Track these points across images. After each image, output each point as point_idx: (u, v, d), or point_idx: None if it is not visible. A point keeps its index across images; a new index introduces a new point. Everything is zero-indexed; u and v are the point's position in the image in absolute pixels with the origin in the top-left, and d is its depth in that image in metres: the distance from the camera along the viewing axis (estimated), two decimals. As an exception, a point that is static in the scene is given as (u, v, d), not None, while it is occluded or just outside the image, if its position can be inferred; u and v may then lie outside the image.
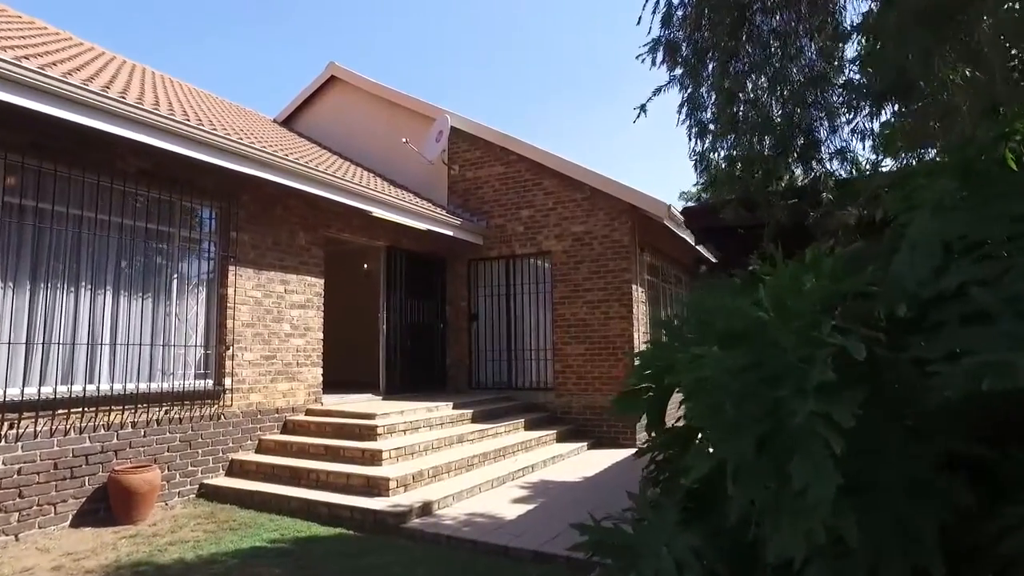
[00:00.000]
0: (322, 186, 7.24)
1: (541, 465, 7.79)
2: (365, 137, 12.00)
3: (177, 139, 5.57)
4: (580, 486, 6.76)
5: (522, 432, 8.88)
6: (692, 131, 5.45)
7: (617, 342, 9.71)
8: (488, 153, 10.95)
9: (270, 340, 7.08)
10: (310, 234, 7.75)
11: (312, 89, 12.86)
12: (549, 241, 10.30)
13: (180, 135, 5.58)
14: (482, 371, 10.81)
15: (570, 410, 9.94)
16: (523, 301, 10.60)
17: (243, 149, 6.17)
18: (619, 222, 9.84)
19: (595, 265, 9.95)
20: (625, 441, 9.46)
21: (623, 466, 7.99)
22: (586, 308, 9.96)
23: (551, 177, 10.34)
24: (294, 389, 7.36)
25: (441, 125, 10.94)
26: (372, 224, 8.83)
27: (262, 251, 7.06)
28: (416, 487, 6.01)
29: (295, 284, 7.46)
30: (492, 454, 7.46)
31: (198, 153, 5.77)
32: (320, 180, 7.19)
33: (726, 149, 4.88)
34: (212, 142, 5.85)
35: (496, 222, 10.74)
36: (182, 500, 5.93)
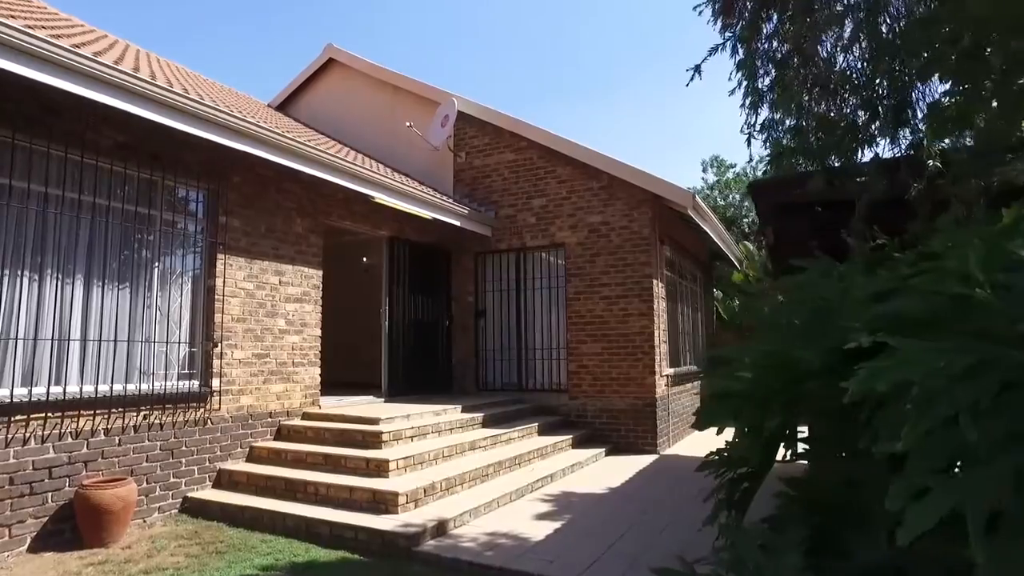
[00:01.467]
0: (321, 167, 6.55)
1: (560, 474, 7.13)
2: (365, 123, 11.31)
3: (159, 107, 4.88)
4: (608, 499, 6.10)
5: (536, 438, 8.22)
6: (747, 99, 4.80)
7: (636, 340, 9.06)
8: (497, 139, 10.28)
9: (263, 337, 6.39)
10: (308, 221, 7.07)
11: (309, 73, 12.17)
12: (563, 232, 9.64)
13: (162, 103, 4.89)
14: (490, 371, 10.14)
15: (585, 413, 9.28)
16: (534, 297, 9.93)
17: (234, 122, 5.49)
18: (639, 212, 9.19)
19: (613, 258, 9.29)
20: (645, 447, 8.82)
21: (648, 475, 7.33)
22: (603, 304, 9.30)
23: (565, 165, 9.68)
24: (289, 391, 6.68)
25: (447, 109, 10.27)
26: (374, 212, 8.15)
27: (255, 238, 6.37)
28: (428, 502, 5.34)
29: (291, 275, 6.78)
30: (507, 463, 6.80)
31: (183, 124, 5.08)
32: (319, 160, 6.51)
33: (793, 115, 4.22)
34: (199, 112, 5.17)
35: (505, 212, 10.07)
36: (162, 517, 5.24)
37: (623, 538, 4.84)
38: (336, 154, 6.83)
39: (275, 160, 5.98)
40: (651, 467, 7.84)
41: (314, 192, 7.14)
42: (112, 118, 4.95)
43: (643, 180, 9.03)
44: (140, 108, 4.74)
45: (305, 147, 6.28)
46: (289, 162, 6.14)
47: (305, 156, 6.33)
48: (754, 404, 2.47)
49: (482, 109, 10.33)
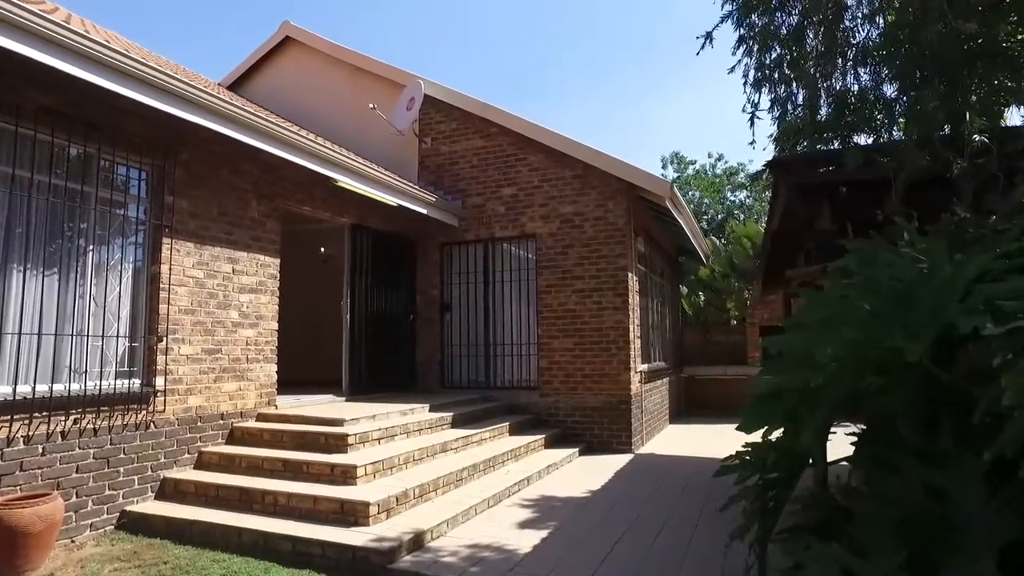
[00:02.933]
0: (280, 144, 5.97)
1: (536, 477, 6.73)
2: (325, 106, 10.66)
3: (93, 65, 4.25)
4: (591, 503, 5.72)
5: (508, 438, 7.80)
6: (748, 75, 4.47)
7: (611, 335, 8.72)
8: (465, 124, 9.80)
9: (214, 330, 5.79)
10: (265, 204, 6.47)
11: (263, 51, 11.43)
12: (534, 223, 9.23)
13: (97, 60, 4.26)
14: (456, 368, 9.67)
15: (557, 412, 8.90)
16: (503, 290, 9.50)
17: (183, 89, 4.88)
18: (614, 202, 8.85)
19: (586, 250, 8.93)
20: (619, 446, 8.49)
21: (627, 476, 6.99)
22: (576, 297, 8.93)
23: (537, 152, 9.27)
24: (243, 390, 6.09)
25: (413, 92, 9.73)
26: (336, 197, 7.58)
27: (205, 222, 5.76)
28: (401, 511, 4.86)
29: (246, 263, 6.18)
30: (481, 465, 6.35)
31: (123, 88, 4.46)
32: (278, 137, 5.92)
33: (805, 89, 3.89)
34: (142, 74, 4.55)
35: (474, 201, 9.60)
36: (95, 535, 4.60)
37: (617, 547, 4.46)
38: (296, 132, 6.24)
39: (230, 135, 5.39)
40: (628, 467, 7.50)
41: (272, 173, 6.54)
42: (39, 78, 4.30)
43: (619, 169, 8.69)
44: (71, 65, 4.10)
45: (263, 122, 5.69)
46: (245, 138, 5.55)
47: (263, 132, 5.74)
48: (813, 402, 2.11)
49: (450, 93, 9.83)
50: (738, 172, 26.91)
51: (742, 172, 26.92)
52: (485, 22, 47.98)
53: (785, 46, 4.15)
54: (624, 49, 47.96)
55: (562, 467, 7.49)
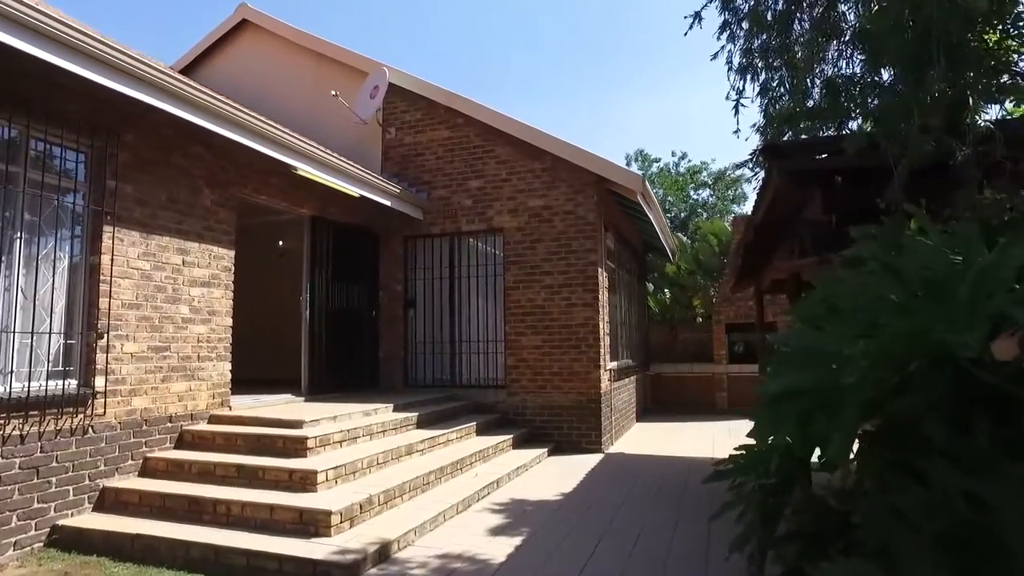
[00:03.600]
0: (234, 127, 5.58)
1: (506, 479, 6.48)
2: (283, 93, 10.19)
3: (23, 31, 3.83)
4: (565, 507, 5.49)
5: (475, 438, 7.53)
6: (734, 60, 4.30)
7: (580, 332, 8.52)
8: (431, 114, 9.47)
9: (162, 326, 5.37)
10: (218, 193, 6.06)
11: (219, 35, 10.88)
12: (502, 216, 8.96)
13: (26, 25, 3.84)
14: (420, 366, 9.35)
15: (524, 411, 8.67)
16: (469, 285, 9.21)
17: (128, 63, 4.46)
18: (583, 196, 8.64)
19: (555, 245, 8.71)
20: (589, 445, 8.30)
21: (600, 477, 6.79)
22: (545, 293, 8.70)
23: (505, 144, 9.00)
24: (194, 390, 5.68)
25: (377, 80, 9.36)
26: (295, 186, 7.19)
27: (153, 209, 5.34)
28: (365, 519, 4.55)
29: (197, 255, 5.77)
30: (449, 468, 6.08)
31: (58, 58, 4.03)
32: (233, 120, 5.53)
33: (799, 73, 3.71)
34: (78, 44, 4.13)
35: (439, 194, 9.29)
36: (20, 554, 4.14)
37: (596, 555, 4.23)
38: (252, 115, 5.85)
39: (179, 115, 4.98)
40: (600, 468, 7.31)
41: (226, 160, 6.13)
42: (-42, 45, 3.85)
43: (589, 162, 8.49)
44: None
45: (216, 102, 5.30)
46: (196, 119, 5.15)
47: (216, 113, 5.34)
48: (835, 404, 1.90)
49: (415, 81, 9.49)
50: (701, 171, 27.11)
51: (705, 171, 27.13)
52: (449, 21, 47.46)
53: (773, 30, 3.98)
54: (585, 48, 48.01)
55: (532, 468, 7.26)
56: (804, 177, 3.34)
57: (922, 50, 2.90)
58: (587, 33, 47.38)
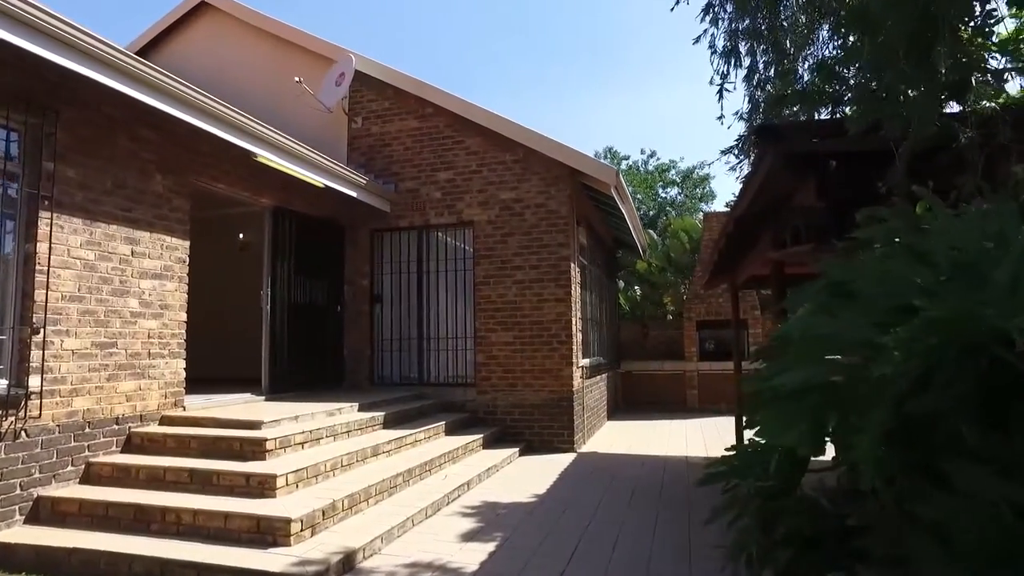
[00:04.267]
0: (188, 109, 5.22)
1: (476, 480, 6.24)
2: (244, 79, 9.75)
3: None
4: (539, 509, 5.27)
5: (444, 438, 7.27)
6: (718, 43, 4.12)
7: (552, 328, 8.31)
8: (399, 104, 9.16)
9: (108, 321, 4.99)
10: (172, 179, 5.68)
11: (175, 16, 10.38)
12: (472, 209, 8.70)
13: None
14: (386, 364, 9.04)
15: (495, 409, 8.43)
16: (438, 280, 8.93)
17: (66, 32, 4.09)
18: (556, 189, 8.43)
19: (527, 239, 8.49)
20: (561, 445, 8.10)
21: (573, 477, 6.59)
22: (516, 289, 8.47)
23: (476, 134, 8.74)
24: (144, 390, 5.30)
25: (343, 67, 9.01)
26: (255, 175, 6.82)
27: (97, 195, 4.95)
28: (328, 526, 4.25)
29: (148, 245, 5.39)
30: (417, 470, 5.81)
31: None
32: (185, 100, 5.16)
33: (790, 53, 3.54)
34: (9, 8, 3.75)
35: (407, 186, 8.99)
36: (-53, 569, 3.78)
37: (575, 560, 4.01)
38: (209, 97, 5.48)
39: (125, 92, 4.61)
40: (573, 468, 7.11)
41: (181, 144, 5.76)
42: None
43: (562, 154, 8.29)
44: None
45: (169, 81, 4.93)
46: (146, 97, 4.78)
47: (168, 93, 4.98)
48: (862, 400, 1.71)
49: (383, 69, 9.17)
50: (669, 169, 27.20)
51: (673, 169, 27.23)
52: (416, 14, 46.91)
53: (760, 11, 3.80)
54: (555, 46, 47.94)
55: (503, 469, 7.03)
56: (798, 161, 3.16)
57: (924, 28, 2.74)
58: (557, 31, 47.32)
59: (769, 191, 3.72)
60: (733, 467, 2.82)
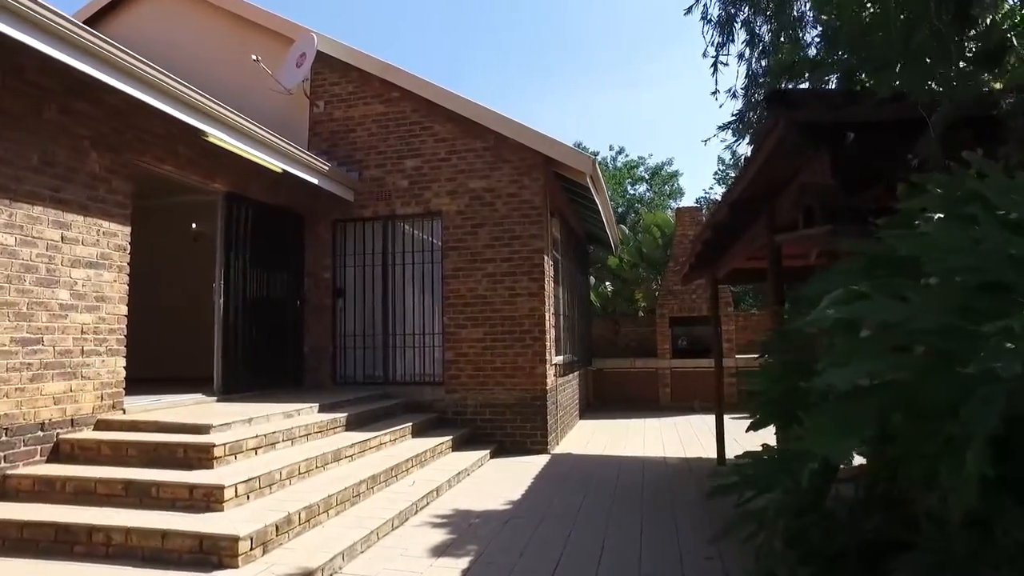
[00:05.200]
0: (129, 79, 4.70)
1: (447, 486, 5.84)
2: (197, 58, 9.13)
3: None
4: (514, 519, 4.88)
5: (411, 440, 6.85)
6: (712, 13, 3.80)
7: (525, 324, 7.95)
8: (364, 87, 8.68)
9: (32, 314, 4.45)
10: (110, 158, 5.14)
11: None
12: (440, 199, 8.28)
13: None
14: (350, 362, 8.56)
15: (464, 409, 8.03)
16: (404, 273, 8.49)
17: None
18: (529, 178, 8.07)
19: (499, 230, 8.10)
20: (534, 446, 7.75)
21: (548, 481, 6.24)
22: (487, 282, 8.08)
23: (445, 121, 8.32)
24: (76, 391, 4.77)
25: (304, 47, 8.49)
26: (208, 158, 6.30)
27: (19, 171, 4.40)
28: (283, 543, 3.81)
29: (81, 230, 4.85)
30: (383, 476, 5.38)
31: None
32: (125, 69, 4.64)
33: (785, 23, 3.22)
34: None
35: (372, 174, 8.52)
36: None
37: None
38: (154, 68, 4.95)
39: (57, 56, 4.08)
40: (548, 470, 6.76)
41: (121, 120, 5.22)
42: None
43: (535, 141, 7.92)
44: None
45: (103, 45, 4.41)
46: (80, 63, 4.25)
47: (105, 59, 4.45)
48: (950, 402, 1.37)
49: (347, 51, 8.68)
50: (638, 166, 27.09)
51: (642, 166, 27.13)
52: (381, 2, 46.05)
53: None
54: (520, 40, 47.60)
55: (473, 472, 6.64)
56: (811, 133, 2.83)
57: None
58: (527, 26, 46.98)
59: (772, 169, 3.40)
60: (747, 478, 2.48)
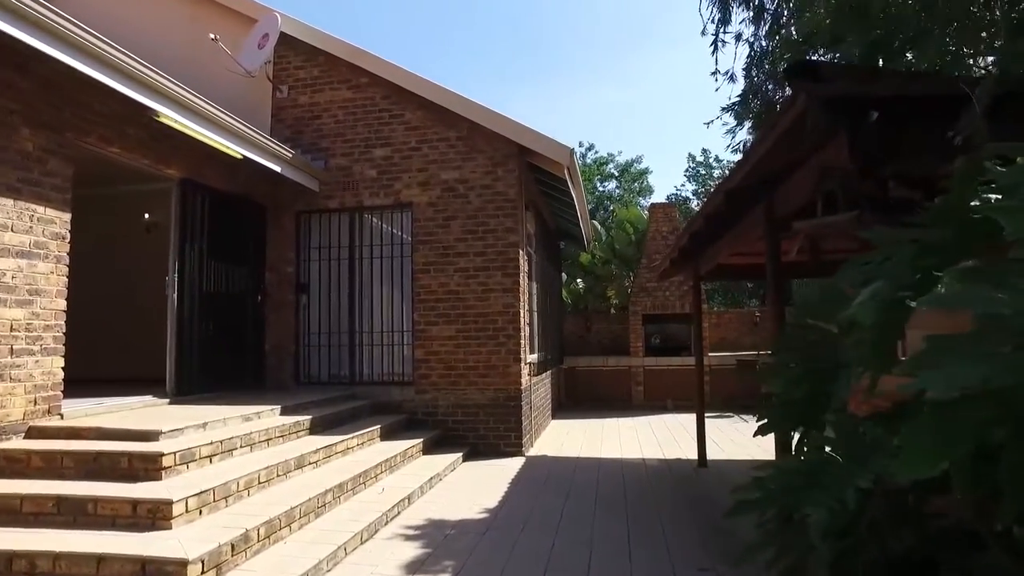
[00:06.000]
0: (63, 45, 4.22)
1: (418, 493, 5.49)
2: (151, 35, 8.52)
3: None
4: (492, 530, 4.56)
5: (379, 444, 6.49)
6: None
7: (499, 321, 7.63)
8: (331, 72, 8.24)
9: (-46, 308, 3.96)
10: (46, 137, 4.65)
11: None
12: (411, 190, 7.90)
13: None
14: (314, 360, 8.13)
15: (435, 410, 7.67)
16: (372, 268, 8.08)
17: None
18: (504, 169, 7.74)
19: (472, 223, 7.76)
20: (508, 448, 7.44)
21: (525, 486, 5.93)
22: (459, 277, 7.74)
23: (416, 108, 7.94)
24: (5, 395, 4.27)
25: (267, 27, 8.01)
26: (160, 140, 5.83)
27: (-60, 148, 3.91)
28: (240, 564, 3.42)
29: (11, 215, 4.36)
30: (350, 483, 5.01)
31: None
32: (59, 34, 4.17)
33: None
34: None
35: (338, 163, 8.10)
36: None
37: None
38: (96, 36, 4.48)
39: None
40: (524, 474, 6.45)
41: (59, 94, 4.73)
42: None
43: (511, 130, 7.60)
44: None
45: (33, 6, 3.94)
46: (2, 24, 3.78)
47: (35, 22, 3.98)
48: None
49: (313, 33, 8.22)
50: (608, 162, 26.96)
51: (611, 163, 27.01)
52: None
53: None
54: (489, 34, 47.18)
55: (446, 477, 6.29)
56: (837, 110, 2.55)
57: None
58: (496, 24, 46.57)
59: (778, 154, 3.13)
60: (771, 493, 2.19)
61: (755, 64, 3.39)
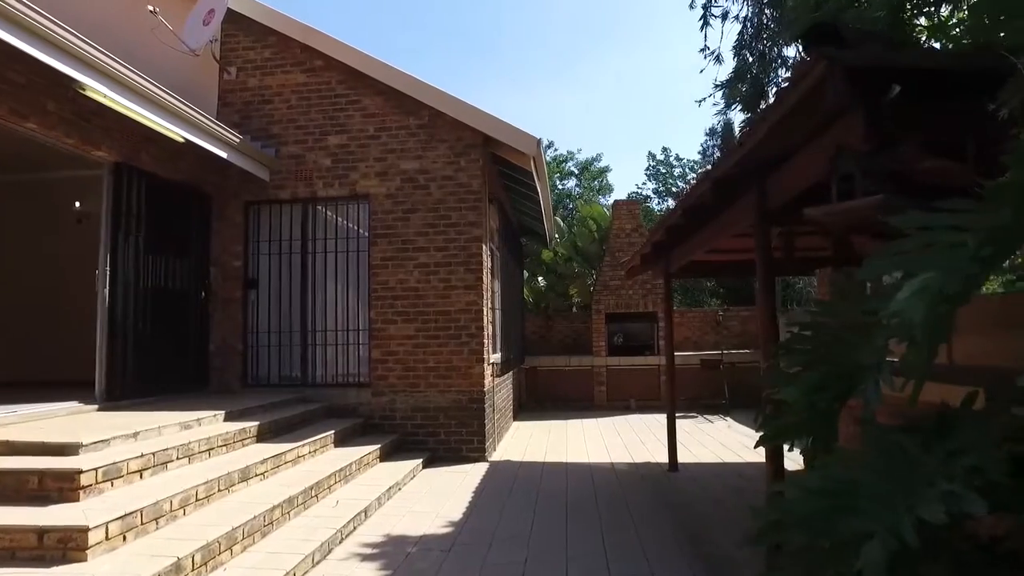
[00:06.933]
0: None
1: (376, 505, 5.08)
2: (85, 8, 7.89)
3: None
4: (458, 546, 4.18)
5: (333, 451, 6.04)
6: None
7: (461, 320, 7.25)
8: (283, 54, 7.72)
9: None
10: (-51, 108, 4.08)
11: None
12: (368, 181, 7.45)
13: None
14: (263, 361, 7.59)
15: (393, 414, 7.25)
16: (326, 263, 7.59)
17: None
18: (467, 160, 7.36)
19: (433, 216, 7.36)
20: (471, 453, 7.08)
21: (491, 495, 5.57)
22: (419, 273, 7.33)
23: (375, 94, 7.49)
24: None
25: (213, 2, 7.43)
26: (86, 117, 5.26)
27: None
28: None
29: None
30: (300, 497, 4.57)
31: None
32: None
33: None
34: None
35: (290, 151, 7.59)
36: None
37: (520, 632, 2.98)
38: None
39: None
40: (488, 482, 6.09)
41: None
42: None
43: (475, 118, 7.22)
44: None
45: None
46: None
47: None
48: None
49: (264, 10, 7.69)
50: (567, 160, 26.79)
51: (571, 160, 26.85)
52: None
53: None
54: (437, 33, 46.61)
55: (405, 487, 5.89)
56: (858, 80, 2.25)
57: None
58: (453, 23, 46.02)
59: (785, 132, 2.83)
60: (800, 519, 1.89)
61: (753, 39, 3.11)
